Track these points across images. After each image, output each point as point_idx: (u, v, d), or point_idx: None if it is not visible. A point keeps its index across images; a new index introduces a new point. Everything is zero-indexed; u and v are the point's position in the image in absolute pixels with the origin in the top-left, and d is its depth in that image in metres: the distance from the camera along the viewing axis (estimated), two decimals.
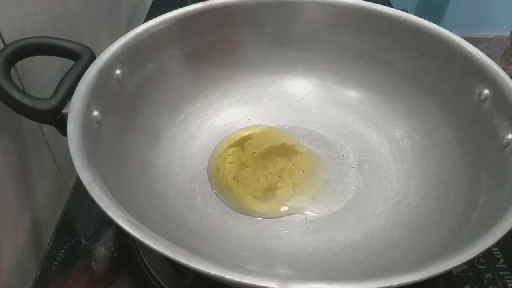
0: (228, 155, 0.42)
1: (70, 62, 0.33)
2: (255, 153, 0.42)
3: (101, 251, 0.36)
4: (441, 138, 0.39)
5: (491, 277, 0.35)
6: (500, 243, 0.24)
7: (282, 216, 0.37)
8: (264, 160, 0.42)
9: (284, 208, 0.38)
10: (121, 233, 0.37)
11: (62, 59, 0.34)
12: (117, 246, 0.36)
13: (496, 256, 0.36)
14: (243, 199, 0.38)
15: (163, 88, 0.41)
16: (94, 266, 0.35)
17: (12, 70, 0.32)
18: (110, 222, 0.24)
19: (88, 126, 0.30)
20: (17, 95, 0.30)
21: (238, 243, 0.35)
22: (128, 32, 0.37)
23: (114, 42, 0.35)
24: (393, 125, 0.43)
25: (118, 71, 0.35)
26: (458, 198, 0.34)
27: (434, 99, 0.40)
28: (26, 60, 0.33)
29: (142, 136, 0.38)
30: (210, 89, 0.45)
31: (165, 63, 0.40)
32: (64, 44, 0.34)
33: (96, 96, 0.32)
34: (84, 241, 0.37)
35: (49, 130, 0.35)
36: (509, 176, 0.30)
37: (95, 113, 0.32)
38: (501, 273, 0.35)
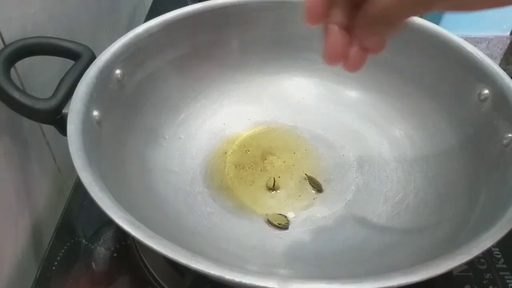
0: (228, 155, 0.42)
1: (70, 62, 0.33)
2: (255, 153, 0.42)
3: (101, 251, 0.36)
4: (441, 138, 0.39)
5: (491, 277, 0.35)
6: (500, 243, 0.24)
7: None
8: (264, 160, 0.42)
9: (284, 208, 0.38)
10: (121, 233, 0.37)
11: (62, 59, 0.34)
12: (117, 246, 0.36)
13: (496, 256, 0.36)
14: (243, 199, 0.38)
15: (163, 88, 0.41)
16: (94, 266, 0.35)
17: (12, 70, 0.32)
18: (110, 222, 0.24)
19: (88, 126, 0.30)
20: (17, 95, 0.30)
21: (238, 243, 0.35)
22: (128, 32, 0.37)
23: (114, 42, 0.36)
24: (393, 125, 0.43)
25: (118, 71, 0.35)
26: (458, 198, 0.34)
27: (434, 99, 0.40)
28: (26, 60, 0.33)
29: (142, 136, 0.38)
30: (210, 89, 0.45)
31: (165, 63, 0.40)
32: (64, 44, 0.34)
33: (96, 96, 0.32)
34: (84, 241, 0.37)
35: (49, 130, 0.35)
36: (509, 176, 0.30)
37: (95, 113, 0.32)
38: (501, 273, 0.35)
